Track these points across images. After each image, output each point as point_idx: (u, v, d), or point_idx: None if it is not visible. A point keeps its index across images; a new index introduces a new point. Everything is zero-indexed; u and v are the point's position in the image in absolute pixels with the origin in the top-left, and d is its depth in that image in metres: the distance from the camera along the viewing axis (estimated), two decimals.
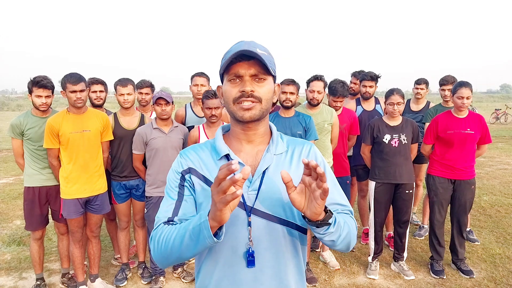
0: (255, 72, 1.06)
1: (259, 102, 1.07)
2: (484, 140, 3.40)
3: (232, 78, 1.08)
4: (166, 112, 3.08)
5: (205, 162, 1.15)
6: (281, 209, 1.12)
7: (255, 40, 1.13)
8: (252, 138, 1.15)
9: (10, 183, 7.10)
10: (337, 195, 1.18)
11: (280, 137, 1.20)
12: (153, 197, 3.16)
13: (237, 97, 1.07)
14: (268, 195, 1.11)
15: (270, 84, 1.10)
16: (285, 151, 1.18)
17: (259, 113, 1.08)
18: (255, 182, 1.11)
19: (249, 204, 1.11)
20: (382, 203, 3.44)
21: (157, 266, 3.29)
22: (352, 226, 1.12)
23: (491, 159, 8.95)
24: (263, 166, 1.12)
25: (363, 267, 3.62)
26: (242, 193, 0.85)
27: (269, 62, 1.06)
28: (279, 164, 1.14)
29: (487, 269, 3.53)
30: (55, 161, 2.95)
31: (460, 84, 3.33)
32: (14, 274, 3.57)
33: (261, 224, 1.11)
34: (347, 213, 1.18)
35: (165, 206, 1.13)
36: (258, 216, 1.11)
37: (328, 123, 3.50)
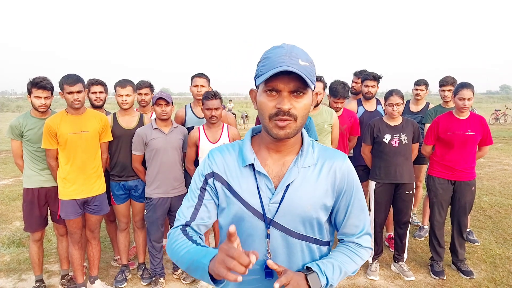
0: (295, 87, 1.00)
1: (295, 120, 1.02)
2: (485, 141, 3.39)
3: (269, 90, 1.02)
4: (166, 113, 3.08)
5: (229, 167, 1.14)
6: (301, 225, 1.11)
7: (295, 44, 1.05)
8: (281, 149, 1.12)
9: (10, 184, 7.08)
10: (359, 218, 1.17)
11: (311, 146, 1.15)
12: (153, 198, 3.15)
13: (273, 113, 1.02)
14: (289, 210, 1.09)
15: (308, 98, 1.04)
16: (314, 164, 1.12)
17: (293, 132, 1.04)
18: (278, 195, 1.09)
19: (269, 216, 1.10)
20: (382, 203, 3.44)
21: (157, 267, 3.28)
22: (351, 264, 1.14)
23: (491, 159, 8.95)
24: (288, 180, 1.09)
25: (363, 268, 3.62)
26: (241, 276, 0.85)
27: (310, 75, 1.01)
28: (305, 178, 1.10)
29: (487, 269, 3.53)
30: (53, 162, 2.95)
31: (461, 85, 3.32)
32: (14, 276, 3.56)
33: (279, 237, 1.10)
34: (357, 243, 1.18)
35: (186, 205, 1.17)
36: (277, 229, 1.10)
37: (328, 124, 3.50)
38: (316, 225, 1.13)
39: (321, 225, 1.15)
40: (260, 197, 1.09)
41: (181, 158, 3.21)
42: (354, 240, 1.17)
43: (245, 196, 1.10)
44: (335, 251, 1.17)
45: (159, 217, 3.18)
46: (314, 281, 1.04)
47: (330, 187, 1.12)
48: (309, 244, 1.14)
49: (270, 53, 1.03)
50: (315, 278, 1.04)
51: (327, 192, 1.11)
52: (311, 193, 1.09)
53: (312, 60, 1.05)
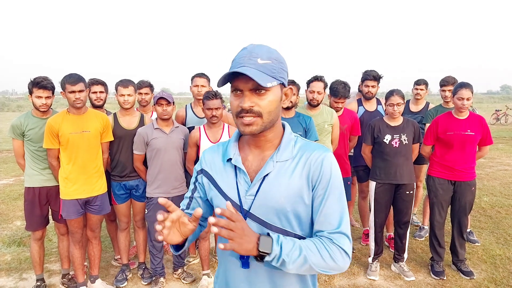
0: (254, 86, 1.04)
1: (260, 117, 1.07)
2: (485, 141, 3.39)
3: (234, 90, 1.08)
4: (167, 113, 3.08)
5: (215, 163, 1.22)
6: (276, 217, 1.12)
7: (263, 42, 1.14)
8: (260, 144, 1.16)
9: (10, 184, 7.09)
10: (333, 215, 1.10)
11: (294, 141, 1.16)
12: (154, 197, 3.16)
13: (238, 112, 1.08)
14: (264, 202, 1.11)
15: (273, 95, 1.07)
16: (292, 158, 1.13)
17: (260, 128, 1.08)
18: (253, 188, 1.13)
19: (246, 208, 1.13)
20: (382, 203, 3.44)
21: (158, 267, 3.29)
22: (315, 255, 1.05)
23: (492, 160, 8.94)
24: (263, 173, 1.12)
25: (363, 268, 3.62)
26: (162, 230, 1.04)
27: (271, 72, 1.05)
28: (280, 171, 1.12)
29: (487, 270, 3.53)
30: (55, 162, 2.96)
31: (460, 85, 3.32)
32: (15, 275, 3.56)
33: (256, 229, 1.12)
34: (329, 238, 1.08)
35: (185, 195, 1.32)
36: (253, 221, 1.13)
37: (328, 123, 3.50)
38: (293, 219, 1.12)
39: (301, 220, 1.13)
40: (238, 189, 1.15)
41: (182, 158, 3.22)
42: (325, 234, 1.09)
43: (225, 189, 1.17)
44: (307, 239, 1.11)
45: None
46: (265, 243, 1.01)
47: (305, 179, 1.11)
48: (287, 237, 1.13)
49: (236, 55, 1.10)
50: (267, 242, 1.01)
51: (302, 185, 1.11)
52: (285, 186, 1.10)
53: (277, 57, 1.09)
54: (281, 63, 1.10)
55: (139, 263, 3.56)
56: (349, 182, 3.91)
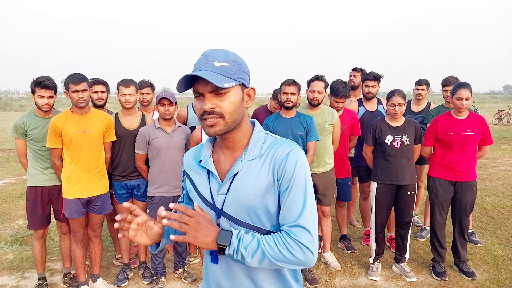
0: (212, 89, 1.07)
1: (222, 118, 1.10)
2: (485, 141, 3.37)
3: (196, 94, 1.12)
4: (169, 112, 3.09)
5: (193, 164, 1.28)
6: (246, 214, 1.15)
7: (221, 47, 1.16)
8: (229, 145, 1.19)
9: (13, 183, 7.12)
10: (294, 208, 1.10)
11: (263, 139, 1.19)
12: (155, 197, 3.17)
13: (201, 114, 1.11)
14: (234, 200, 1.15)
15: (233, 95, 1.10)
16: (259, 156, 1.16)
17: (223, 128, 1.11)
18: (224, 187, 1.17)
19: (218, 206, 1.18)
20: (383, 204, 3.43)
21: (159, 266, 3.29)
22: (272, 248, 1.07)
23: (494, 160, 8.91)
24: (232, 172, 1.16)
25: (365, 269, 3.62)
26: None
27: (229, 74, 1.08)
28: (248, 170, 1.15)
29: (489, 271, 3.52)
30: (58, 161, 2.97)
31: (459, 85, 3.31)
32: (16, 274, 3.58)
33: (228, 227, 1.16)
34: (286, 231, 1.10)
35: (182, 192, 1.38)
36: (226, 219, 1.17)
37: (329, 123, 3.49)
38: (263, 215, 1.14)
39: (271, 216, 1.15)
40: (210, 189, 1.20)
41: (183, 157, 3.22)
42: (284, 228, 1.11)
43: (201, 189, 1.23)
44: (269, 234, 1.13)
45: None
46: (224, 237, 1.07)
47: (271, 175, 1.13)
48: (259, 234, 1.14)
49: (196, 61, 1.14)
50: (226, 235, 1.08)
51: (269, 181, 1.13)
52: (252, 183, 1.13)
53: (234, 59, 1.12)
54: (239, 64, 1.12)
55: (140, 263, 3.57)
56: (349, 182, 3.91)
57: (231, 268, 1.19)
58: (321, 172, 3.46)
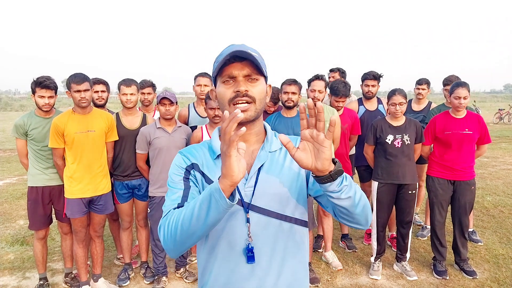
0: (248, 73, 1.08)
1: (253, 102, 1.10)
2: (483, 140, 3.38)
3: (226, 80, 1.10)
4: (170, 112, 3.09)
5: (205, 159, 1.18)
6: (277, 203, 1.14)
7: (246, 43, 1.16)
8: (247, 138, 1.17)
9: (14, 183, 7.13)
10: None
11: (274, 135, 1.23)
12: (156, 197, 3.17)
13: (232, 98, 1.09)
14: (264, 190, 1.13)
15: (262, 85, 1.13)
16: (279, 148, 1.20)
17: (254, 114, 1.11)
18: (251, 179, 1.14)
19: (247, 201, 1.14)
20: (384, 203, 3.43)
21: (160, 266, 3.29)
22: (362, 193, 1.08)
23: (495, 159, 8.91)
24: (258, 164, 1.15)
25: (366, 268, 3.62)
26: (241, 114, 0.87)
27: (261, 64, 1.10)
28: (273, 160, 1.17)
29: (490, 269, 3.52)
30: (60, 161, 2.97)
31: (457, 84, 3.31)
32: (18, 274, 3.58)
33: (259, 220, 1.13)
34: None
35: (172, 196, 1.11)
36: (256, 212, 1.13)
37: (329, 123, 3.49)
38: (292, 202, 1.16)
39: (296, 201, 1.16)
40: None
41: None
42: None
43: None
44: None
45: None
46: (338, 168, 0.97)
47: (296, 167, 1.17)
48: (289, 224, 1.16)
49: (221, 51, 1.14)
50: (339, 167, 0.98)
51: (294, 170, 1.16)
52: (282, 171, 1.16)
53: (261, 55, 1.15)
54: (264, 60, 1.15)
55: (141, 262, 3.57)
56: None
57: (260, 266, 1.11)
58: None
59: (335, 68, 4.76)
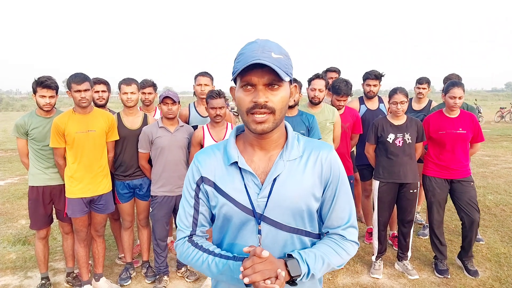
0: (269, 81, 1.01)
1: (272, 114, 1.03)
2: (477, 138, 3.38)
3: (245, 85, 1.03)
4: (172, 112, 3.10)
5: (215, 167, 1.15)
6: (291, 217, 1.11)
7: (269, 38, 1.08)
8: (265, 145, 1.12)
9: (15, 183, 7.14)
10: (344, 211, 1.15)
11: (297, 139, 1.15)
12: (158, 196, 3.17)
13: (250, 108, 1.03)
14: (278, 203, 1.09)
15: (285, 90, 1.05)
16: (300, 156, 1.12)
17: (272, 126, 1.05)
18: (265, 190, 1.10)
19: (259, 211, 1.10)
20: (386, 202, 3.43)
21: (162, 265, 3.30)
22: (334, 257, 1.10)
23: (496, 158, 8.88)
24: (274, 174, 1.10)
25: (367, 267, 3.62)
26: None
27: (285, 67, 1.02)
28: (291, 170, 1.10)
29: (491, 268, 3.51)
30: (61, 160, 2.97)
31: (452, 83, 3.31)
32: (20, 273, 3.59)
33: (270, 232, 1.11)
34: (342, 235, 1.15)
35: (183, 214, 1.19)
36: (267, 224, 1.10)
37: (330, 121, 3.49)
38: (306, 217, 1.14)
39: (312, 217, 1.15)
40: (248, 193, 1.10)
41: (186, 156, 3.22)
42: (339, 232, 1.15)
43: (233, 194, 1.11)
44: (319, 243, 1.15)
45: (164, 215, 3.20)
46: (294, 267, 1.03)
47: (317, 177, 1.12)
48: (300, 237, 1.14)
49: (244, 49, 1.05)
50: (294, 264, 1.04)
51: (314, 183, 1.11)
52: (298, 185, 1.10)
53: (286, 53, 1.06)
54: (290, 59, 1.07)
55: (143, 262, 3.57)
56: (351, 180, 3.90)
57: None
58: None
59: (333, 68, 4.72)
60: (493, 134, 13.28)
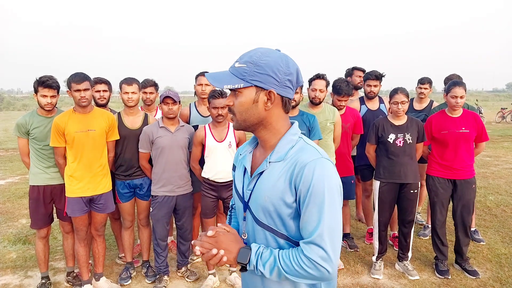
0: (229, 87, 1.15)
1: (235, 115, 1.18)
2: (481, 138, 3.37)
3: None
4: (173, 111, 3.09)
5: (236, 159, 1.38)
6: (262, 214, 1.17)
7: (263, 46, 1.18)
8: (261, 144, 1.24)
9: (16, 182, 7.15)
10: (309, 224, 1.08)
11: (292, 144, 1.16)
12: (159, 196, 3.17)
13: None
14: (255, 198, 1.19)
15: (244, 96, 1.13)
16: (283, 159, 1.14)
17: (236, 125, 1.20)
18: (251, 183, 1.21)
19: (246, 200, 1.22)
20: (386, 202, 3.43)
21: (162, 265, 3.30)
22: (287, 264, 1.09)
23: (497, 158, 8.87)
24: (258, 170, 1.19)
25: (367, 267, 3.61)
26: None
27: (242, 75, 1.11)
28: (272, 172, 1.16)
29: (492, 269, 3.51)
30: (62, 160, 2.98)
31: (454, 83, 3.30)
32: (20, 273, 3.59)
33: (251, 222, 1.21)
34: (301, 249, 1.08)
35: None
36: (249, 214, 1.21)
37: (330, 122, 3.49)
38: (276, 218, 1.14)
39: (283, 220, 1.13)
40: (243, 182, 1.27)
41: (187, 156, 3.22)
42: (301, 243, 1.09)
43: (236, 182, 1.31)
44: (287, 250, 1.14)
45: (165, 215, 3.20)
46: (243, 255, 1.14)
47: (288, 183, 1.11)
48: (275, 237, 1.16)
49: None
50: (245, 253, 1.14)
51: (285, 188, 1.11)
52: (271, 186, 1.15)
53: (256, 61, 1.10)
54: (258, 66, 1.10)
55: (143, 261, 3.57)
56: (352, 181, 3.90)
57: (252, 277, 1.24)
58: None
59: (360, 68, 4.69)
60: (494, 134, 13.26)
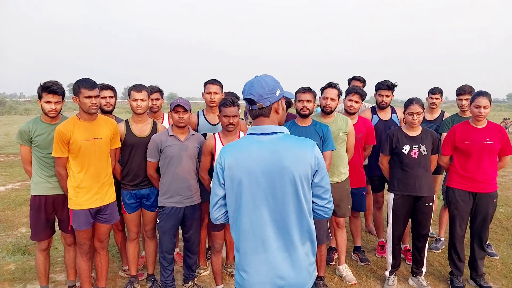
0: None
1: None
2: (506, 151, 3.28)
3: None
4: (184, 120, 3.00)
5: None
6: None
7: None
8: None
9: (16, 189, 7.02)
10: None
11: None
12: (166, 207, 3.06)
13: None
14: None
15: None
16: None
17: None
18: None
19: None
20: (400, 216, 3.32)
21: (168, 279, 3.16)
22: None
23: (503, 169, 8.75)
24: None
25: (380, 282, 3.49)
26: None
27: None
28: None
29: (508, 285, 3.39)
30: (63, 171, 2.84)
31: (478, 93, 3.26)
32: (18, 286, 3.45)
33: None
34: None
35: None
36: None
37: (343, 131, 3.39)
38: None
39: None
40: None
41: (196, 166, 3.11)
42: None
43: None
44: None
45: (172, 227, 3.08)
46: None
47: None
48: None
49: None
50: None
51: None
52: None
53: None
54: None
55: (148, 275, 3.44)
56: (364, 192, 3.80)
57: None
58: (336, 182, 3.33)
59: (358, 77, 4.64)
60: None
